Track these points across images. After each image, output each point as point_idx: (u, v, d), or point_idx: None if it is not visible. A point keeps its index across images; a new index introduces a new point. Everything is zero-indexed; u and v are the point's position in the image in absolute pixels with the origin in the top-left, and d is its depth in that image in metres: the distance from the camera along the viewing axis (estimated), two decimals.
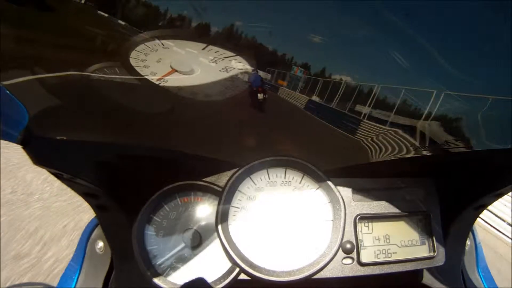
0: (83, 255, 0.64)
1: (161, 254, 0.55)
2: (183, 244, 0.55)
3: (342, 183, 0.60)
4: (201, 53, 0.37)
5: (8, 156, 2.77)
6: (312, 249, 0.55)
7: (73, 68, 0.38)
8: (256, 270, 0.52)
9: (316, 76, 0.40)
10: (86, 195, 0.52)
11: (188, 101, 0.45)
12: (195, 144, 0.55)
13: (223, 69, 0.39)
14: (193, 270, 0.54)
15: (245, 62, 0.39)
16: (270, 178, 0.59)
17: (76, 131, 0.48)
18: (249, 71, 0.40)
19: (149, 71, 0.38)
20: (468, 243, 0.75)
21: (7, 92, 0.37)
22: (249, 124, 0.53)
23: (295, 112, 0.48)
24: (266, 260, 0.54)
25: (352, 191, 0.60)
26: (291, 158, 0.59)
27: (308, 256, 0.55)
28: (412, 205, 0.62)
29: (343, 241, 0.56)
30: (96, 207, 0.54)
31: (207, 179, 0.58)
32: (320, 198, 0.59)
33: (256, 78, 0.41)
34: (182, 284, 0.51)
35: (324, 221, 0.57)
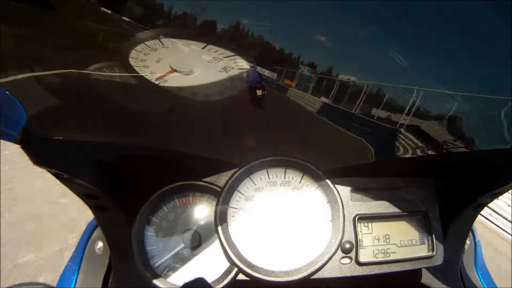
0: (82, 255, 0.64)
1: (161, 255, 0.55)
2: (183, 245, 0.55)
3: (342, 183, 0.60)
4: (201, 53, 0.37)
5: None
6: (311, 249, 0.55)
7: (72, 67, 0.38)
8: (255, 270, 0.52)
9: (323, 75, 0.40)
10: (85, 196, 0.52)
11: (187, 101, 0.45)
12: (195, 144, 0.54)
13: (223, 69, 0.39)
14: (193, 271, 0.54)
15: (245, 61, 0.39)
16: (270, 178, 0.59)
17: (75, 131, 0.48)
18: (248, 69, 0.40)
19: (149, 71, 0.38)
20: (468, 242, 0.75)
21: (6, 92, 0.36)
22: (249, 122, 0.53)
23: (296, 111, 0.48)
24: (265, 260, 0.54)
25: (352, 191, 0.60)
26: (291, 158, 0.59)
27: (307, 256, 0.55)
28: (412, 205, 0.62)
29: (343, 241, 0.56)
30: (96, 208, 0.54)
31: (207, 179, 0.58)
32: (319, 198, 0.59)
33: (255, 75, 0.41)
34: (182, 285, 0.51)
35: (323, 221, 0.57)
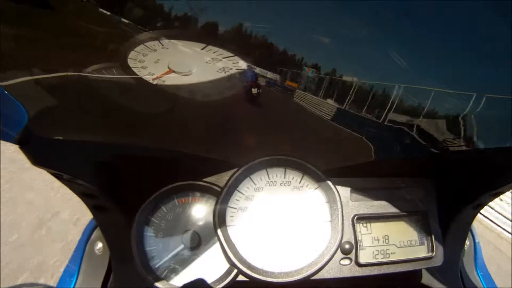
0: (81, 256, 0.64)
1: (160, 255, 0.55)
2: (182, 245, 0.55)
3: (341, 183, 0.60)
4: (200, 54, 0.37)
5: None
6: (311, 250, 0.55)
7: (72, 69, 0.38)
8: (254, 272, 0.52)
9: (326, 75, 0.40)
10: (85, 196, 0.52)
11: (186, 101, 0.45)
12: (193, 144, 0.54)
13: (221, 70, 0.39)
14: (192, 271, 0.54)
15: (243, 61, 0.39)
16: (270, 178, 0.59)
17: (75, 131, 0.47)
18: (245, 68, 0.40)
19: (147, 72, 0.38)
20: (467, 243, 0.75)
21: (6, 93, 0.36)
22: (246, 121, 0.53)
23: (295, 111, 0.48)
24: (265, 261, 0.54)
25: (351, 191, 0.60)
26: (291, 158, 0.59)
27: (307, 257, 0.55)
28: (411, 205, 0.62)
29: (342, 242, 0.56)
30: (95, 208, 0.54)
31: (206, 179, 0.58)
32: (319, 198, 0.59)
33: (251, 74, 0.41)
34: (182, 285, 0.51)
35: (323, 222, 0.57)
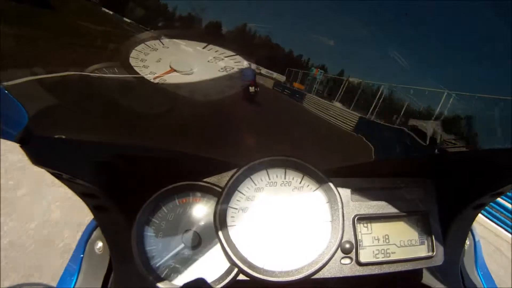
0: (82, 256, 0.64)
1: (161, 255, 0.55)
2: (183, 245, 0.55)
3: (342, 183, 0.60)
4: (201, 53, 0.37)
5: None
6: (311, 250, 0.55)
7: (72, 68, 0.38)
8: (255, 271, 0.52)
9: (329, 76, 0.40)
10: (85, 195, 0.52)
11: (186, 101, 0.45)
12: (193, 144, 0.55)
13: (222, 69, 0.39)
14: (193, 271, 0.54)
15: (244, 60, 0.39)
16: (270, 179, 0.59)
17: (76, 131, 0.47)
18: (244, 67, 0.41)
19: (149, 71, 0.38)
20: (468, 242, 0.75)
21: (6, 92, 0.36)
22: (244, 120, 0.53)
23: (295, 111, 0.48)
24: (265, 261, 0.54)
25: (352, 191, 0.60)
26: (291, 158, 0.59)
27: (307, 257, 0.55)
28: (412, 205, 0.62)
29: (343, 241, 0.56)
30: (95, 208, 0.54)
31: (207, 180, 0.58)
32: (319, 198, 0.59)
33: (249, 72, 0.41)
34: (182, 285, 0.51)
35: (323, 222, 0.57)
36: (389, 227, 0.60)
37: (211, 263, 0.55)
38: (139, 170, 0.57)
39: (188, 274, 0.54)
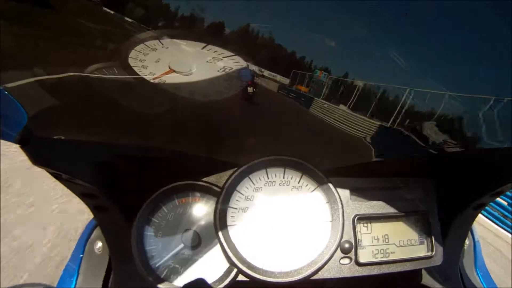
0: (81, 256, 0.64)
1: (160, 255, 0.55)
2: (182, 245, 0.55)
3: (341, 183, 0.60)
4: (200, 53, 0.37)
5: None
6: (311, 250, 0.55)
7: (72, 68, 0.38)
8: (254, 271, 0.52)
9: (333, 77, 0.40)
10: (84, 196, 0.52)
11: (185, 101, 0.45)
12: (193, 144, 0.54)
13: (221, 69, 0.39)
14: (192, 271, 0.54)
15: (242, 60, 0.39)
16: (269, 178, 0.59)
17: (75, 131, 0.48)
18: (243, 67, 0.41)
19: (148, 71, 0.38)
20: (467, 242, 0.75)
21: (6, 93, 0.36)
22: (243, 120, 0.53)
23: (294, 111, 0.48)
24: (265, 261, 0.54)
25: (351, 191, 0.60)
26: (290, 158, 0.59)
27: (307, 257, 0.55)
28: (411, 205, 0.62)
29: (342, 241, 0.56)
30: (95, 208, 0.54)
31: (206, 179, 0.58)
32: (319, 198, 0.59)
33: (246, 72, 0.41)
34: (182, 285, 0.51)
35: (323, 222, 0.57)
36: (389, 227, 0.60)
37: (211, 263, 0.55)
38: (139, 170, 0.57)
39: (188, 275, 0.54)
